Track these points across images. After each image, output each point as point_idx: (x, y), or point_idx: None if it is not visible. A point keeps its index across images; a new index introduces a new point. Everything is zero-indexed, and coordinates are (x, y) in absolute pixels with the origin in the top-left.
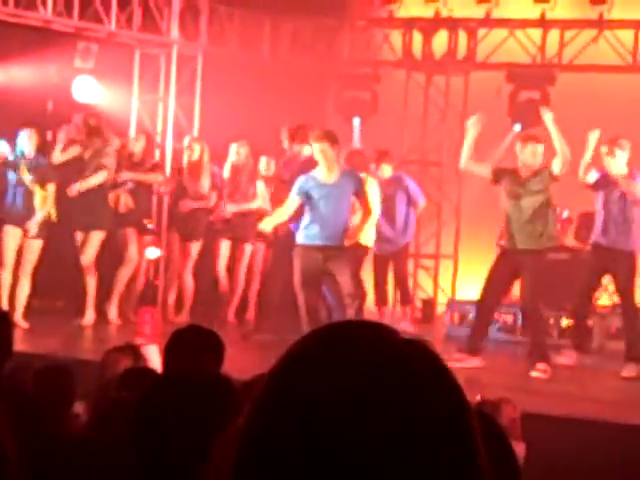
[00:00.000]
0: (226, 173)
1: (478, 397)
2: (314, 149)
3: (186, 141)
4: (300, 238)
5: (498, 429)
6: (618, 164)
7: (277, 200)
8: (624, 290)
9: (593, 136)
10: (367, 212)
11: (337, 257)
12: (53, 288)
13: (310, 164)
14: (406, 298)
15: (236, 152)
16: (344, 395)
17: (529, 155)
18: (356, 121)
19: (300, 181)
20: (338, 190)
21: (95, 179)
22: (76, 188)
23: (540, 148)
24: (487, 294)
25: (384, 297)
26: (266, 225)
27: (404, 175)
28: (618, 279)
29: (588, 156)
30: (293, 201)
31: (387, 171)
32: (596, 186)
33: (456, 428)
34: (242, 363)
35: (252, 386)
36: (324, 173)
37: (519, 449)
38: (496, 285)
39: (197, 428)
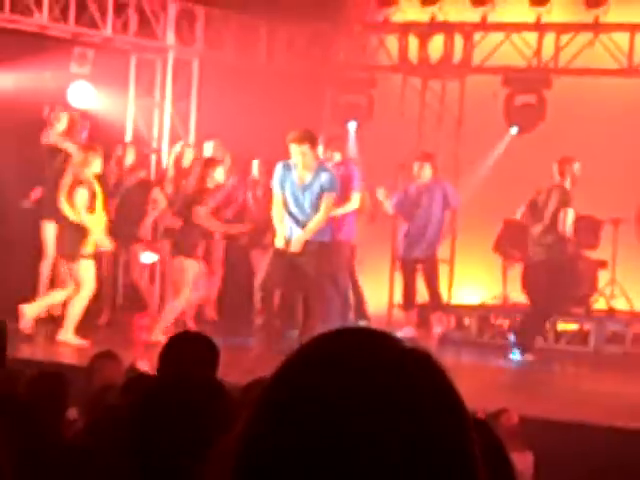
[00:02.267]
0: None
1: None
2: (293, 151)
3: (178, 147)
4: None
5: (495, 438)
6: None
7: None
8: None
9: None
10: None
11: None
12: None
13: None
14: (435, 303)
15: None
16: (344, 402)
17: None
18: (351, 125)
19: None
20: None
21: None
22: None
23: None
24: None
25: (411, 302)
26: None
27: (443, 180)
28: None
29: None
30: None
31: (427, 174)
32: None
33: (457, 438)
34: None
35: (248, 391)
36: (299, 174)
37: (527, 459)
38: None
39: (191, 433)
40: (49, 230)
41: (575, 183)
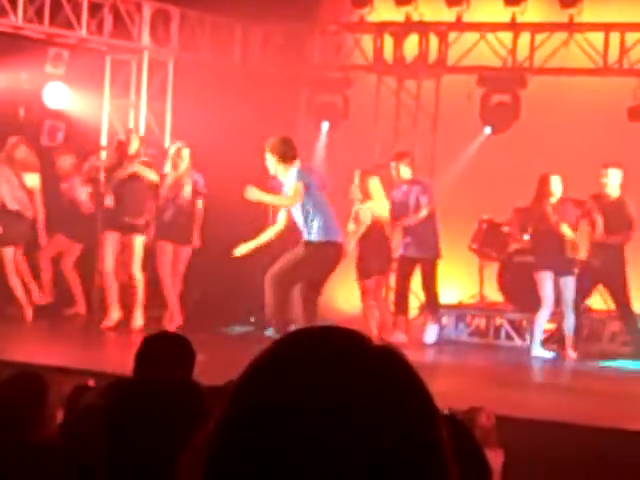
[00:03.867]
0: None
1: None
2: (269, 160)
3: (173, 148)
4: None
5: (469, 434)
6: None
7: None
8: None
9: None
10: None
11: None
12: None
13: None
14: (431, 307)
15: None
16: (313, 402)
17: None
18: (324, 126)
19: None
20: None
21: None
22: None
23: None
24: None
25: (404, 307)
26: None
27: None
28: None
29: None
30: None
31: (406, 173)
32: None
33: (425, 437)
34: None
35: (222, 392)
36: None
37: (497, 456)
38: None
39: (166, 434)
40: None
41: None
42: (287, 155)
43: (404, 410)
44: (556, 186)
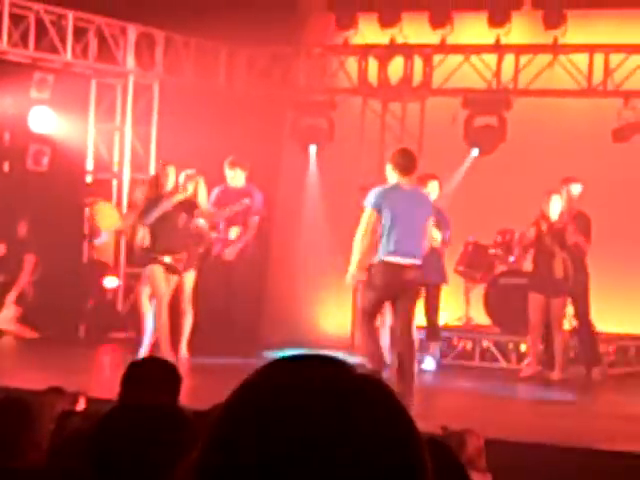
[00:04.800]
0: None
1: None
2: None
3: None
4: None
5: (454, 458)
6: None
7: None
8: None
9: None
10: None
11: None
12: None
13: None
14: (432, 334)
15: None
16: (296, 429)
17: None
18: (312, 149)
19: None
20: None
21: None
22: None
23: None
24: None
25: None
26: None
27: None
28: None
29: None
30: None
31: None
32: None
33: (406, 459)
34: None
35: (206, 417)
36: None
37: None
38: None
39: (152, 461)
40: None
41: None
42: (401, 166)
43: (386, 439)
44: (552, 207)
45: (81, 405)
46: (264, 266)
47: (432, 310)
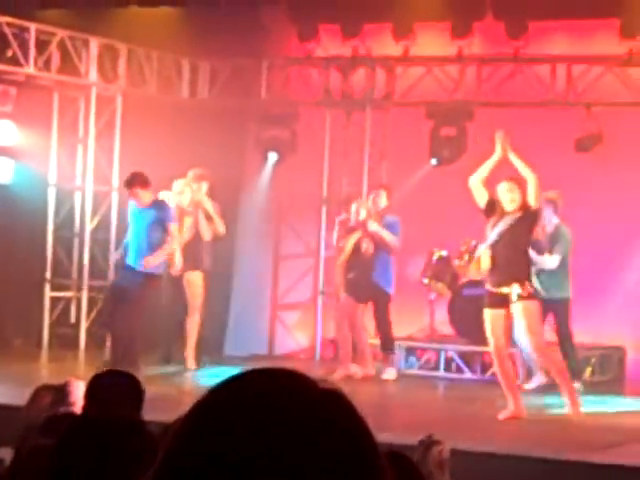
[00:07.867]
0: None
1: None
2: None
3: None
4: None
5: (415, 471)
6: None
7: None
8: None
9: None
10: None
11: None
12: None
13: None
14: (386, 344)
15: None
16: (254, 445)
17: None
18: (271, 157)
19: None
20: None
21: None
22: None
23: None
24: None
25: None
26: None
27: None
28: None
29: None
30: None
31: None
32: None
33: (363, 472)
34: None
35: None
36: None
37: None
38: None
39: (112, 474)
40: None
41: None
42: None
43: (345, 453)
44: None
45: (75, 395)
46: (227, 279)
47: (384, 321)
